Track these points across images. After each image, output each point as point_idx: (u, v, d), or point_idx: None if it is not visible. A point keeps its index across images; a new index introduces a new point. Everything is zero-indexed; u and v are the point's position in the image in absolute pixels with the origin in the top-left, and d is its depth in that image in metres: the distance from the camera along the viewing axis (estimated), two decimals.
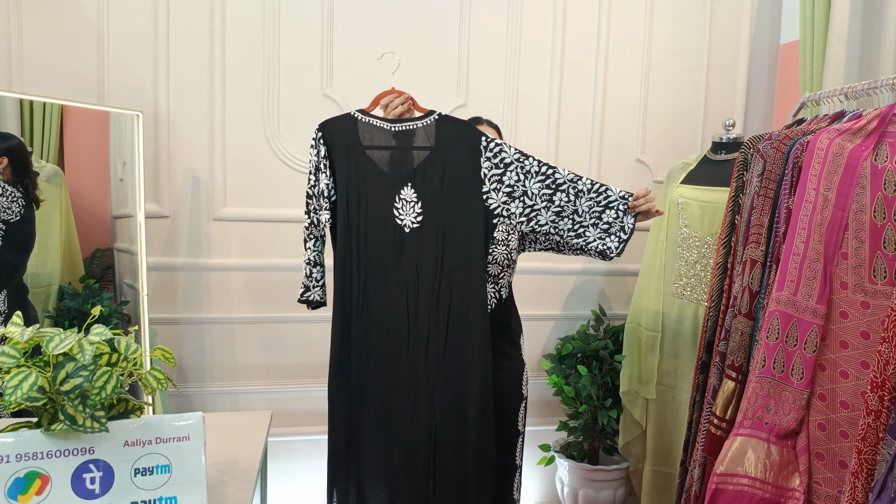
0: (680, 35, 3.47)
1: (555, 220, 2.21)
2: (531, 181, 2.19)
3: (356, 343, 2.17)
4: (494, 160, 2.19)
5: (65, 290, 2.64)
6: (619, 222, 2.22)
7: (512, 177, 2.19)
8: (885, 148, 1.96)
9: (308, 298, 2.25)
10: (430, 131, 2.21)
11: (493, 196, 2.19)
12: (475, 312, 2.16)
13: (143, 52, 2.90)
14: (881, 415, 1.68)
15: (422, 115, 2.24)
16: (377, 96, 2.29)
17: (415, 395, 2.16)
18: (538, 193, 2.20)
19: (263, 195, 3.07)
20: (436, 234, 2.16)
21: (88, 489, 1.36)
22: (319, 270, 2.23)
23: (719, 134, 2.94)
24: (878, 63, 2.71)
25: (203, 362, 3.07)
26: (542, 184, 2.20)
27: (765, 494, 1.95)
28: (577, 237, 2.23)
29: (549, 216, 2.21)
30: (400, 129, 2.21)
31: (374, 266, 2.16)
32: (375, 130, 2.21)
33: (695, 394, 2.42)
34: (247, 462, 1.87)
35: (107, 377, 1.29)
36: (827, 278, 1.96)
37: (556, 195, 2.20)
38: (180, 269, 3.02)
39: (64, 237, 2.65)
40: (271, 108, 3.03)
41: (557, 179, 2.20)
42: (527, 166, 2.19)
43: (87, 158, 2.73)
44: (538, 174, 2.20)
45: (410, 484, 2.17)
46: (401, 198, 2.16)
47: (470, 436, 2.15)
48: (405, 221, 2.16)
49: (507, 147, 2.20)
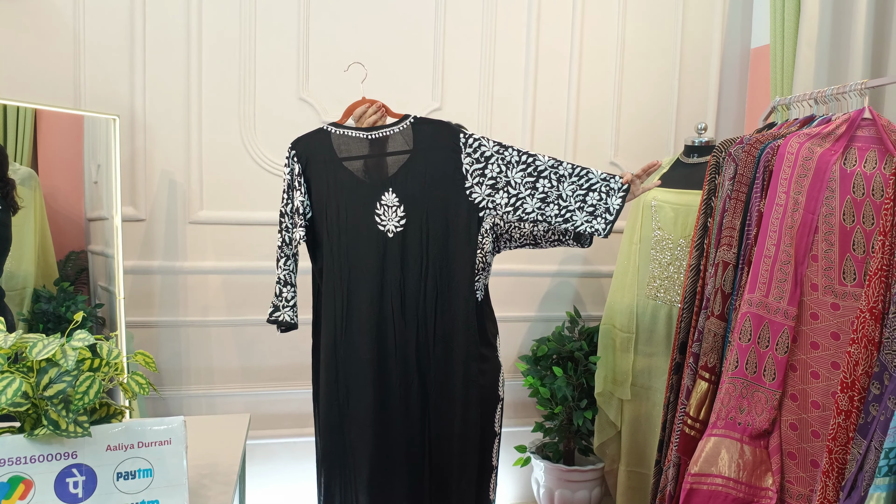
0: (652, 38, 3.51)
1: (541, 206, 2.21)
2: (513, 171, 2.20)
3: (344, 352, 2.17)
4: (475, 155, 2.20)
5: (39, 293, 2.61)
6: (603, 204, 2.21)
7: (493, 169, 2.20)
8: (854, 152, 2.00)
9: (278, 319, 2.21)
10: (406, 135, 2.22)
11: (477, 190, 2.20)
12: (461, 307, 2.19)
13: (120, 56, 2.88)
14: (851, 415, 1.72)
15: (396, 121, 2.25)
16: (348, 108, 2.30)
17: (406, 397, 2.19)
18: (521, 182, 2.21)
19: (240, 198, 3.06)
20: (420, 236, 2.18)
21: (72, 493, 1.36)
22: (291, 290, 2.21)
23: (691, 137, 2.98)
24: (847, 68, 2.75)
25: (180, 365, 3.06)
26: (524, 172, 2.21)
27: (738, 494, 1.98)
28: (566, 222, 2.23)
29: (534, 203, 2.21)
30: (376, 137, 2.22)
31: (358, 275, 2.17)
32: (350, 141, 2.22)
33: (669, 394, 2.44)
34: (226, 465, 1.88)
35: (90, 382, 1.29)
36: (798, 280, 1.99)
37: (539, 182, 2.21)
38: (156, 273, 3.00)
39: (38, 240, 2.62)
40: (247, 112, 3.03)
41: (539, 167, 2.21)
42: (507, 157, 2.21)
43: (60, 161, 2.71)
44: (519, 163, 2.21)
45: (406, 484, 2.20)
46: (382, 204, 2.17)
47: (456, 434, 2.19)
48: (388, 227, 2.16)
49: (485, 140, 2.21)
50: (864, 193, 1.96)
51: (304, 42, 3.06)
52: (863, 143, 2.01)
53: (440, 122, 2.28)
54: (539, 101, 3.38)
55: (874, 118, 2.02)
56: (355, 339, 2.17)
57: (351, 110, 2.29)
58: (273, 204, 3.06)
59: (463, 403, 2.21)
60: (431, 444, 2.24)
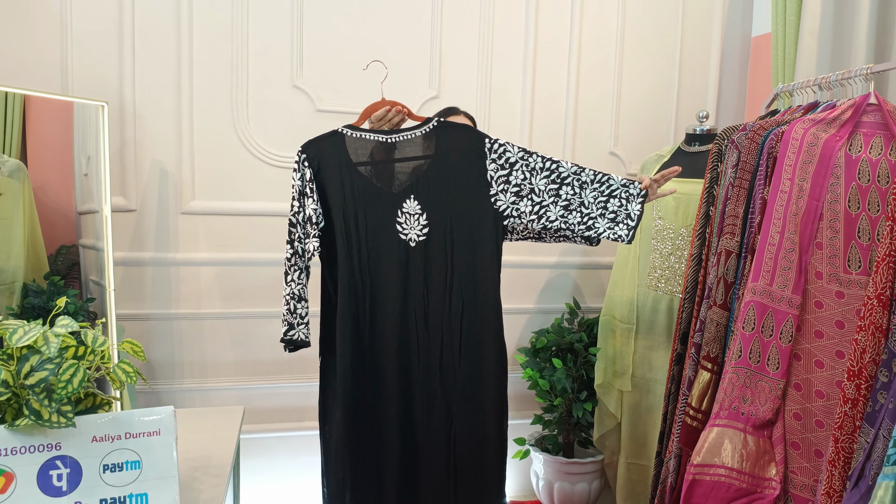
0: (652, 28, 3.47)
1: (564, 214, 2.14)
2: (537, 178, 2.12)
3: (368, 364, 2.09)
4: (500, 161, 2.12)
5: (29, 287, 2.56)
6: (623, 210, 2.16)
7: (518, 176, 2.12)
8: (860, 138, 1.97)
9: (293, 338, 2.07)
10: (429, 139, 2.12)
11: (502, 197, 2.12)
12: (488, 318, 2.12)
13: (108, 42, 2.82)
14: (858, 403, 1.69)
15: (418, 124, 2.14)
16: (366, 109, 2.15)
17: (430, 408, 2.12)
18: (545, 189, 2.13)
19: (232, 188, 3.01)
20: (444, 245, 2.09)
21: (55, 486, 1.31)
22: (304, 306, 2.08)
23: (693, 126, 2.94)
24: (850, 56, 2.73)
25: (172, 359, 3.01)
26: (548, 179, 2.13)
27: (741, 484, 1.95)
28: (588, 230, 2.17)
29: (558, 211, 2.14)
30: (395, 140, 2.11)
31: (379, 285, 2.08)
32: (368, 145, 2.10)
33: (670, 385, 2.42)
34: (219, 458, 1.84)
35: (73, 370, 1.24)
36: (802, 268, 1.96)
37: (562, 189, 2.14)
38: (148, 264, 2.95)
39: (27, 233, 2.57)
40: (240, 100, 2.97)
41: (562, 173, 2.13)
42: (531, 163, 2.12)
43: (50, 153, 2.65)
44: (543, 170, 2.13)
45: (430, 491, 2.15)
46: (403, 212, 2.08)
47: (489, 439, 2.14)
48: (410, 235, 2.08)
49: (510, 146, 2.13)
50: (870, 180, 1.93)
51: (297, 28, 3.00)
52: (868, 129, 1.98)
53: (464, 127, 2.19)
54: (538, 91, 3.34)
55: (880, 103, 1.98)
56: (378, 355, 2.09)
57: (369, 112, 2.15)
58: (267, 194, 3.03)
59: (494, 417, 2.16)
60: (457, 458, 2.16)
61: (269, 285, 3.05)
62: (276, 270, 3.03)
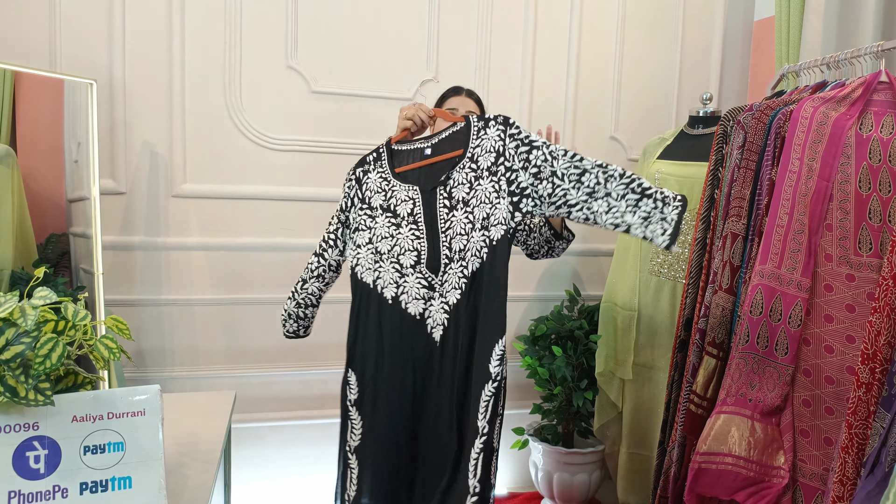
0: (654, 10, 3.41)
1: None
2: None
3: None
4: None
5: (18, 276, 2.50)
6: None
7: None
8: (870, 117, 1.92)
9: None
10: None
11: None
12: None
13: (98, 19, 2.74)
14: (872, 387, 1.63)
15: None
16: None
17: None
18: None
19: (225, 171, 2.94)
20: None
21: (32, 468, 1.24)
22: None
23: (696, 108, 2.89)
24: (857, 36, 2.68)
25: (163, 345, 2.94)
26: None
27: (749, 473, 1.90)
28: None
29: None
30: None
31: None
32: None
33: (673, 373, 2.37)
34: (209, 443, 1.77)
35: (52, 345, 1.17)
36: (812, 250, 1.90)
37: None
38: (138, 249, 2.88)
39: (16, 220, 2.51)
40: (233, 80, 2.90)
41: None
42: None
43: (40, 140, 2.59)
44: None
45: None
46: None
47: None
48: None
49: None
50: (881, 160, 1.88)
51: (292, 7, 2.93)
52: (879, 108, 1.93)
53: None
54: (537, 74, 3.27)
55: (891, 81, 1.93)
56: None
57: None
58: (260, 178, 2.96)
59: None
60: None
61: (262, 271, 2.99)
62: (269, 255, 2.97)
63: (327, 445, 3.11)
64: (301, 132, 3.00)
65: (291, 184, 2.98)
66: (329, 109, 3.02)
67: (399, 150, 2.11)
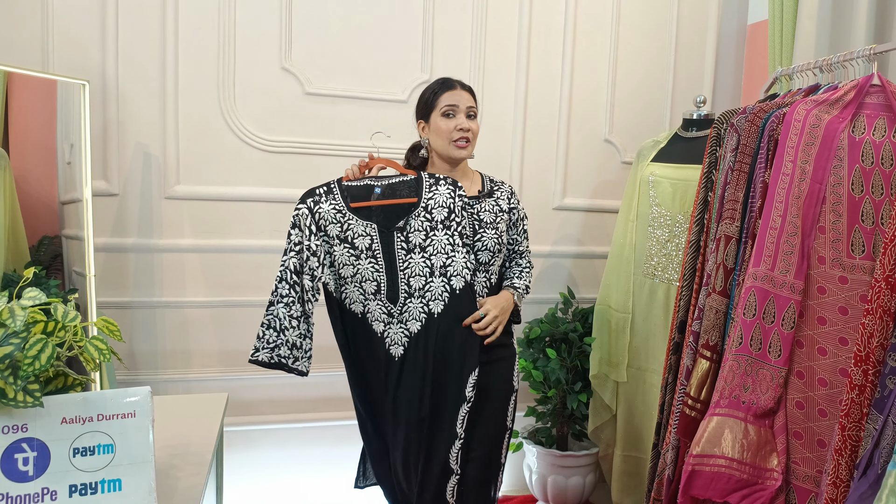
0: (648, 13, 3.42)
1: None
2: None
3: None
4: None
5: (10, 278, 2.49)
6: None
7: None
8: (863, 119, 1.92)
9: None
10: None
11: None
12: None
13: (90, 19, 2.73)
14: (865, 389, 1.63)
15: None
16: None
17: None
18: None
19: (218, 172, 2.93)
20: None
21: (21, 471, 1.23)
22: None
23: (690, 111, 2.90)
24: (849, 40, 2.69)
25: (155, 348, 2.93)
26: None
27: (742, 475, 1.90)
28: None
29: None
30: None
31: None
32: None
33: (667, 375, 2.37)
34: (200, 446, 1.76)
35: (41, 346, 1.16)
36: (805, 253, 1.90)
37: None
38: (130, 251, 2.86)
39: (8, 222, 2.50)
40: (227, 81, 2.89)
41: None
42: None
43: (32, 142, 2.57)
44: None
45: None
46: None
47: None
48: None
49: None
50: (874, 162, 1.88)
51: (286, 8, 2.92)
52: (871, 111, 1.93)
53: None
54: (532, 76, 3.27)
55: (883, 84, 1.93)
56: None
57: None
58: (253, 180, 2.95)
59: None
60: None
61: (255, 273, 2.98)
62: (263, 258, 2.96)
63: (320, 448, 3.10)
64: (295, 134, 2.99)
65: (285, 185, 2.97)
66: (323, 111, 3.01)
67: (350, 186, 2.22)
